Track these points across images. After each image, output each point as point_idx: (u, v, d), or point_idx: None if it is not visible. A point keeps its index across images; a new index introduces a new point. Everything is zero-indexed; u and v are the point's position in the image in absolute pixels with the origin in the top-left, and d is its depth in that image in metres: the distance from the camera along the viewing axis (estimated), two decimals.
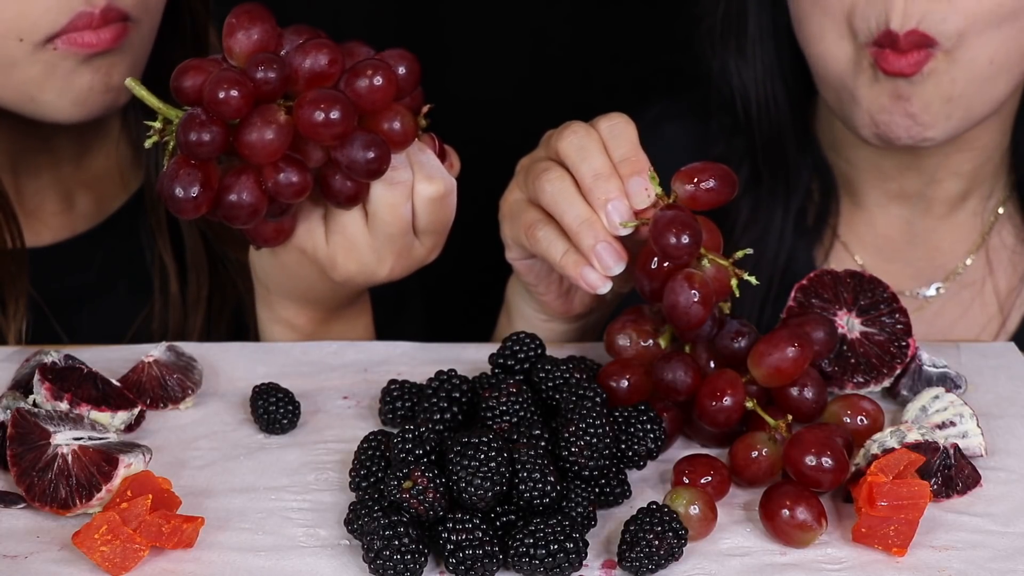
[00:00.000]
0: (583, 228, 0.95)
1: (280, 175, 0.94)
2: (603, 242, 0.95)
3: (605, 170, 0.96)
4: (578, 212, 0.96)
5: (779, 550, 0.84)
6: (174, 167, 0.93)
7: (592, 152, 0.96)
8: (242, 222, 0.95)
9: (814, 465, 0.86)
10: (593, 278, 0.96)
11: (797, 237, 1.27)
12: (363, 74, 0.94)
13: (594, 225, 0.95)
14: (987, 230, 1.25)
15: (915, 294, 1.26)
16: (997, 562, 0.83)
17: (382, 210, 0.99)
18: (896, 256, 1.27)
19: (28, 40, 1.05)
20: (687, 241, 0.90)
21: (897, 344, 0.99)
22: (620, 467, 0.89)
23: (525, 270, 1.06)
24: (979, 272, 1.25)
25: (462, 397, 0.91)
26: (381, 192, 0.98)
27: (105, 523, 0.80)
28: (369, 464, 0.87)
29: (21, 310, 1.13)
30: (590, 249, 0.95)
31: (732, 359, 0.94)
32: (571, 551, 0.80)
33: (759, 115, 1.26)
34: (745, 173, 1.27)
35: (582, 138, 0.97)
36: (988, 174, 1.24)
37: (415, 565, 0.79)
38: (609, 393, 0.92)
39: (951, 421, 0.92)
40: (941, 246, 1.26)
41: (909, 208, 1.25)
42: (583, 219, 0.95)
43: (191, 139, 0.91)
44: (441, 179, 1.00)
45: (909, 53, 1.10)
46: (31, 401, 0.92)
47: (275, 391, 0.95)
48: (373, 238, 1.00)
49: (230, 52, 0.94)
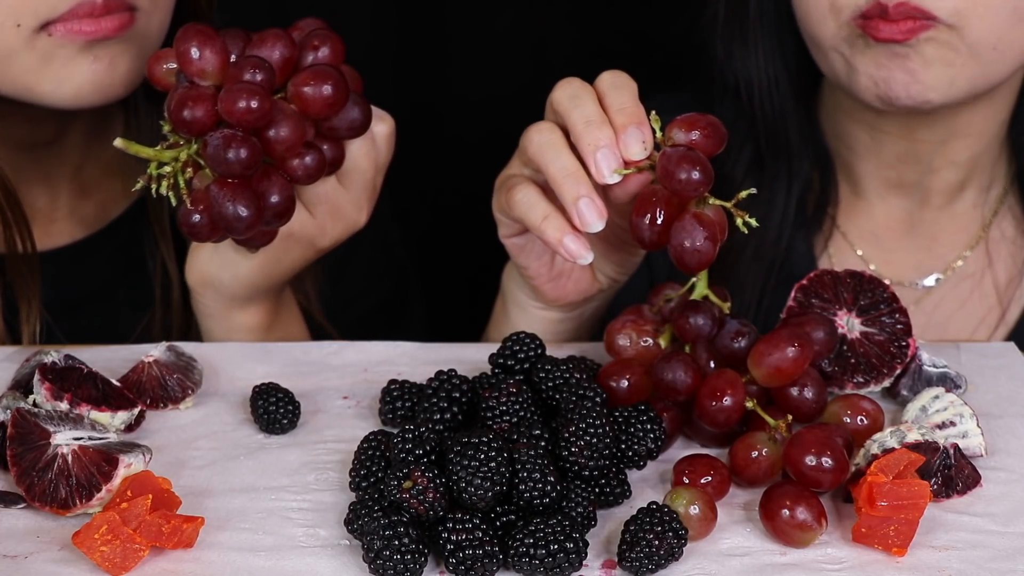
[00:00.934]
0: (567, 180, 0.93)
1: (306, 159, 0.97)
2: (585, 197, 0.92)
3: (596, 117, 0.93)
4: (564, 163, 0.94)
5: (779, 550, 0.84)
6: (223, 192, 0.92)
7: (584, 100, 0.94)
8: (285, 218, 0.97)
9: (814, 465, 0.86)
10: (573, 247, 0.94)
11: (797, 226, 1.27)
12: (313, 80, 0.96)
13: (579, 178, 0.93)
14: (987, 222, 1.26)
15: (914, 284, 1.26)
16: (997, 562, 0.83)
17: (361, 161, 1.03)
18: (895, 246, 1.27)
19: (25, 26, 1.03)
20: (698, 176, 0.89)
21: (897, 344, 0.99)
22: (620, 467, 0.89)
23: (516, 250, 1.05)
24: (978, 264, 1.25)
25: (462, 397, 0.91)
26: (359, 145, 1.03)
27: (105, 523, 0.80)
28: (369, 464, 0.87)
29: (35, 311, 1.13)
30: (573, 202, 0.92)
31: (732, 359, 0.94)
32: (571, 551, 0.80)
33: (762, 101, 1.26)
34: (747, 157, 1.27)
35: (576, 88, 0.96)
36: (986, 164, 1.25)
37: (415, 565, 0.79)
38: (609, 393, 0.92)
39: (951, 421, 0.92)
40: (940, 237, 1.26)
41: (908, 198, 1.25)
42: (569, 171, 0.93)
43: (231, 158, 0.91)
44: (386, 116, 1.05)
45: (900, 22, 1.09)
46: (31, 401, 0.92)
47: (275, 391, 0.95)
48: (351, 191, 1.04)
49: (201, 73, 0.94)
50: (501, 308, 1.15)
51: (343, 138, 1.01)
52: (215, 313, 1.11)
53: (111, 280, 1.23)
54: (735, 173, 1.27)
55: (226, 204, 0.92)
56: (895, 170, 1.24)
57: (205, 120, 0.92)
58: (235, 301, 1.09)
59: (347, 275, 1.30)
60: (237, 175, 0.92)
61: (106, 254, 1.22)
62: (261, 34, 0.96)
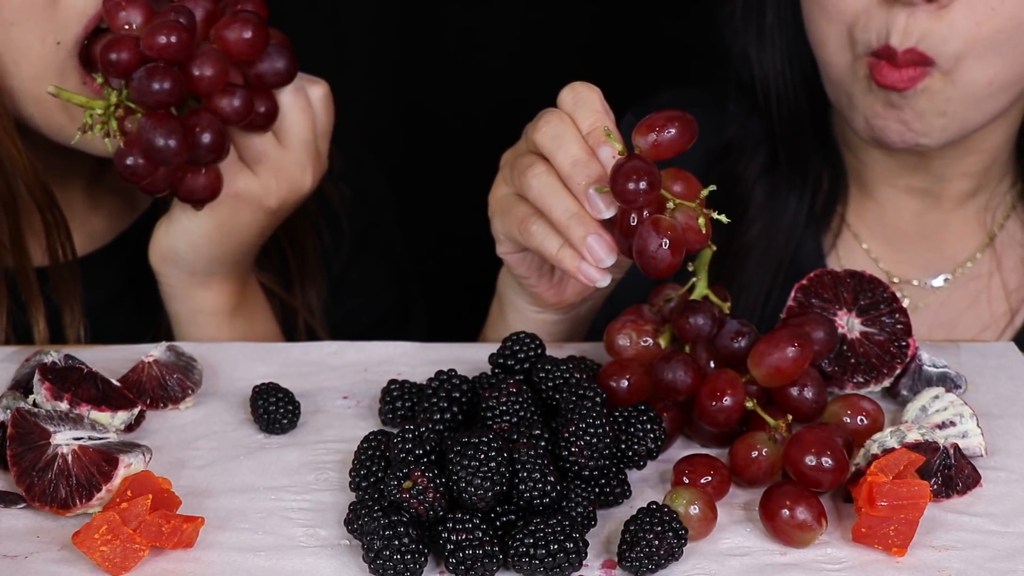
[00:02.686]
0: (571, 222, 0.95)
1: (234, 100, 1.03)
2: (593, 234, 0.94)
3: (581, 156, 0.95)
4: (566, 206, 0.95)
5: (779, 550, 0.84)
6: (150, 122, 0.98)
7: (566, 139, 0.96)
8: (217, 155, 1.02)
9: (814, 465, 0.86)
10: (592, 273, 0.95)
11: (806, 223, 1.27)
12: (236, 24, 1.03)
13: (582, 218, 0.95)
14: (998, 224, 1.26)
15: (923, 284, 1.26)
16: (997, 562, 0.83)
17: (295, 115, 1.08)
18: (904, 246, 1.27)
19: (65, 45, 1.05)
20: (644, 187, 0.89)
21: (897, 344, 0.99)
22: (620, 467, 0.89)
23: (516, 263, 1.06)
24: (987, 266, 1.25)
25: (462, 397, 0.91)
26: (291, 100, 1.07)
27: (105, 523, 0.80)
28: (369, 464, 0.87)
29: (78, 316, 1.15)
30: (580, 242, 0.94)
31: (732, 359, 0.94)
32: (571, 551, 0.80)
33: (778, 101, 1.26)
34: (762, 158, 1.27)
35: (555, 127, 0.97)
36: (997, 172, 1.25)
37: (415, 565, 0.79)
38: (609, 393, 0.92)
39: (951, 421, 0.92)
40: (949, 239, 1.26)
41: (918, 201, 1.26)
42: (571, 213, 0.95)
43: (154, 88, 0.97)
44: (321, 81, 1.10)
45: (905, 68, 1.10)
46: (31, 401, 0.92)
47: (275, 391, 0.95)
48: (291, 151, 1.08)
49: (127, 25, 1.00)
50: (498, 311, 1.15)
51: (271, 86, 1.06)
52: (178, 293, 1.13)
53: (120, 291, 1.23)
54: (748, 174, 1.27)
55: (155, 136, 0.98)
56: (905, 179, 1.25)
57: (131, 60, 0.98)
58: (195, 276, 1.12)
59: (350, 288, 1.30)
60: (163, 105, 0.98)
61: (116, 265, 1.23)
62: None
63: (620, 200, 0.91)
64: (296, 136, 1.08)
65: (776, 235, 1.26)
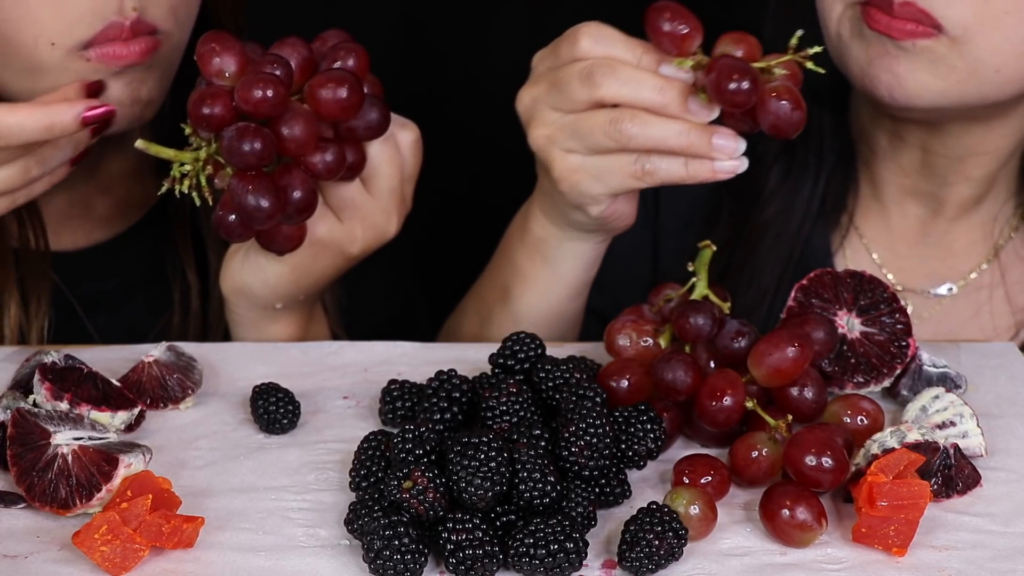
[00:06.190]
0: (691, 139, 0.98)
1: (326, 155, 0.99)
2: (716, 134, 0.97)
3: (659, 82, 0.98)
4: (676, 130, 0.98)
5: (779, 550, 0.84)
6: (241, 184, 0.95)
7: (635, 78, 0.98)
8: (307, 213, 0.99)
9: (814, 465, 0.86)
10: (730, 165, 0.99)
11: (817, 215, 1.27)
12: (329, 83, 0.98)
13: (696, 129, 0.98)
14: (1004, 236, 1.25)
15: (926, 292, 1.26)
16: (997, 562, 0.83)
17: (384, 165, 1.05)
18: (908, 252, 1.27)
19: (60, 45, 1.04)
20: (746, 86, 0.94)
21: (897, 344, 0.99)
22: (620, 467, 0.89)
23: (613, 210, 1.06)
24: (992, 277, 1.25)
25: (462, 397, 0.91)
26: (379, 149, 1.04)
27: (105, 523, 0.80)
28: (369, 464, 0.87)
29: (44, 308, 1.14)
30: (708, 149, 0.98)
31: (732, 359, 0.94)
32: (571, 551, 0.80)
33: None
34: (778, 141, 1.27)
35: (619, 74, 0.99)
36: (1002, 181, 1.24)
37: (415, 565, 0.79)
38: (609, 393, 0.92)
39: (951, 421, 0.92)
40: (954, 248, 1.26)
41: (923, 207, 1.25)
42: (685, 131, 0.98)
43: (245, 149, 0.93)
44: (411, 124, 1.08)
45: (901, 20, 1.08)
46: (31, 401, 0.92)
47: (275, 391, 0.95)
48: (377, 198, 1.05)
49: (220, 74, 0.96)
50: (541, 263, 1.14)
51: (362, 139, 1.02)
52: (247, 323, 1.11)
53: (131, 283, 1.23)
54: (766, 154, 1.27)
55: (246, 196, 0.95)
56: (911, 178, 1.24)
57: (223, 115, 0.94)
58: (266, 311, 1.10)
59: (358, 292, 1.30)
60: (253, 166, 0.94)
61: (127, 256, 1.23)
62: (280, 41, 0.99)
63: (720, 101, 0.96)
64: (383, 185, 1.05)
65: (789, 220, 1.26)
